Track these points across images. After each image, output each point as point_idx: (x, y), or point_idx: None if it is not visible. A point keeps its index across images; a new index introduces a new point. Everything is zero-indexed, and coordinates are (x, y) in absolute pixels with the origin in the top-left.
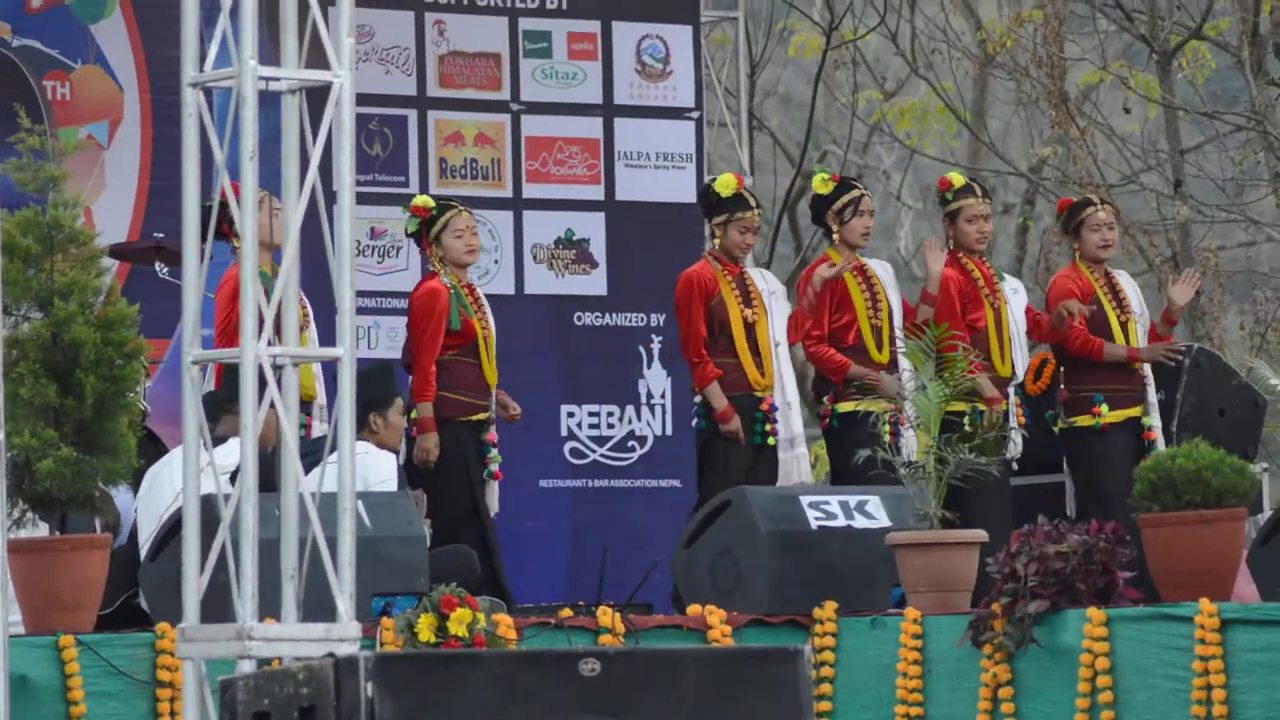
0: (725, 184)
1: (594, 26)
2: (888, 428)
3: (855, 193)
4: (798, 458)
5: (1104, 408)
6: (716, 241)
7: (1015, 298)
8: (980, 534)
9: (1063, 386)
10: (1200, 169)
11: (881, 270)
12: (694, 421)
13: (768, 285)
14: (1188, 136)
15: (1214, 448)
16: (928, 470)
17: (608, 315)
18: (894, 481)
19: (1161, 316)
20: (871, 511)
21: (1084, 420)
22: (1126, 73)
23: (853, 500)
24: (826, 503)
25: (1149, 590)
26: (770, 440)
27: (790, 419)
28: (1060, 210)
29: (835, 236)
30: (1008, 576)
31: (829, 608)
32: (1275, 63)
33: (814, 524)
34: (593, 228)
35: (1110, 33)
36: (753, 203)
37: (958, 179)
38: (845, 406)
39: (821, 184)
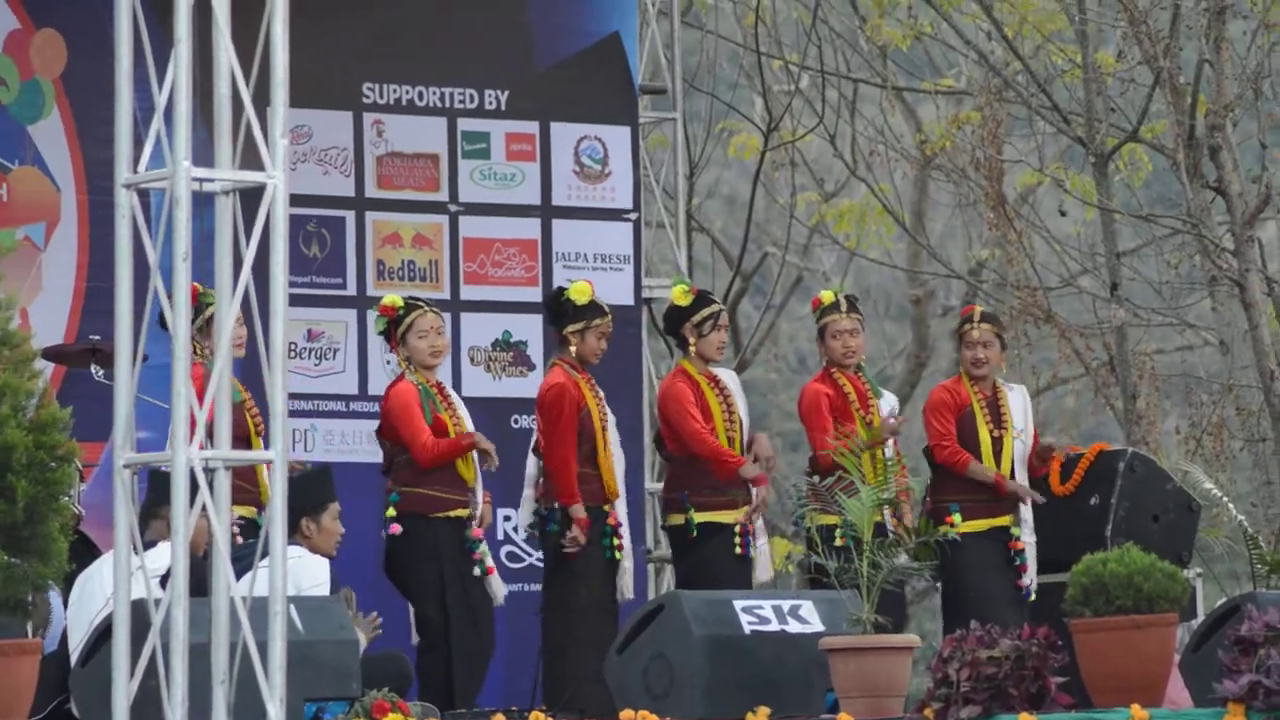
0: (581, 291)
1: (533, 127)
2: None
3: (715, 307)
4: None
5: (957, 517)
6: (572, 349)
7: (886, 411)
8: (913, 639)
9: (928, 498)
10: (1137, 272)
11: (730, 380)
12: (549, 526)
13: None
14: (1125, 239)
15: (1146, 552)
16: (861, 575)
17: None
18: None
19: (1033, 452)
20: (805, 616)
21: (942, 529)
22: (1064, 175)
23: (786, 604)
24: (760, 607)
25: (1081, 695)
26: (618, 555)
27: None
28: (963, 314)
29: (691, 349)
30: (940, 682)
31: (762, 713)
32: (1210, 166)
33: (747, 628)
34: (530, 330)
35: (1048, 135)
36: (606, 309)
37: (828, 296)
38: (702, 516)
39: (681, 295)
